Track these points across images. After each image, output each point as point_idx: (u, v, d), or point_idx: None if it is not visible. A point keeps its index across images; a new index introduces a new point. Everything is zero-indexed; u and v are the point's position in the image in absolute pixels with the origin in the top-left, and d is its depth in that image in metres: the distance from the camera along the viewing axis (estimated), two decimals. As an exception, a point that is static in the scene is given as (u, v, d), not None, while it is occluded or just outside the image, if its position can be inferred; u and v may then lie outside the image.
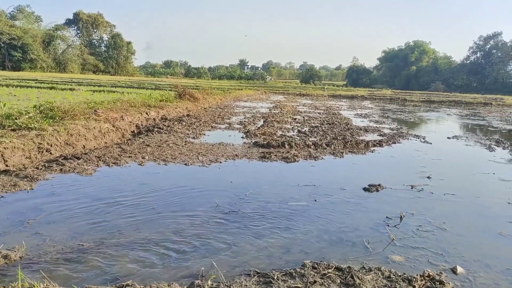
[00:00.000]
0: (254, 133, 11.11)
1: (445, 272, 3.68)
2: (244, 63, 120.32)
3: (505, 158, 9.60)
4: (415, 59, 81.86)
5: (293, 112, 18.50)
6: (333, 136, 11.20)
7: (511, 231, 4.78)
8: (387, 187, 6.50)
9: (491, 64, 74.47)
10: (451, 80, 73.15)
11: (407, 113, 22.54)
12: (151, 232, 4.29)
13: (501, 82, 71.54)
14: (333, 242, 4.30)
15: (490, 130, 16.19)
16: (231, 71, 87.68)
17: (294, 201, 5.59)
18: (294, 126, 13.48)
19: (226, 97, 25.27)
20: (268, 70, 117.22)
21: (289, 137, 10.77)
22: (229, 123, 13.37)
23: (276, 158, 8.23)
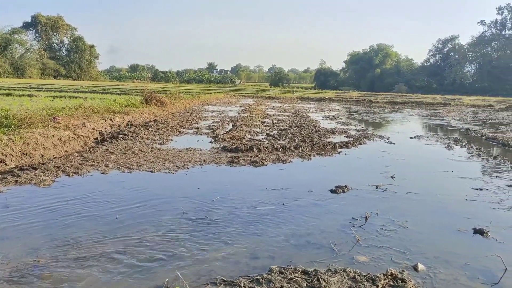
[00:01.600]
0: (223, 138, 11.11)
1: (407, 270, 3.81)
2: (213, 66, 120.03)
3: (463, 156, 10.01)
4: (379, 62, 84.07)
5: (262, 115, 18.61)
6: (301, 139, 11.34)
7: (469, 227, 4.99)
8: (353, 188, 6.64)
9: (450, 66, 77.38)
10: (413, 82, 75.50)
11: (372, 114, 23.09)
12: (113, 244, 4.20)
13: (459, 83, 74.44)
14: (301, 245, 4.36)
15: (449, 129, 16.82)
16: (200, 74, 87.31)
17: (262, 206, 5.63)
18: (263, 129, 13.56)
19: (195, 101, 25.13)
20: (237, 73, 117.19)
21: (257, 141, 10.83)
22: (198, 128, 13.31)
23: (245, 162, 8.26)
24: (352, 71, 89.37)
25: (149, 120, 14.88)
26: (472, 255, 4.21)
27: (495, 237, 4.69)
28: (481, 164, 9.16)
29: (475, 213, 5.61)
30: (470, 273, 3.81)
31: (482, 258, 4.12)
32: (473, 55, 78.98)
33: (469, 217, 5.41)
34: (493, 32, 76.70)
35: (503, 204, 6.00)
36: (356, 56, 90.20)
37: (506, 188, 6.93)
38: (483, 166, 8.95)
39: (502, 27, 75.75)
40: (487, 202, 6.13)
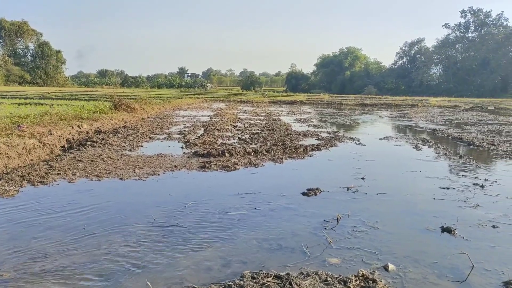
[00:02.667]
0: (194, 143, 11.01)
1: (378, 270, 3.85)
2: (184, 71, 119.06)
3: (431, 156, 10.27)
4: (349, 65, 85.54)
5: (234, 120, 18.57)
6: (273, 142, 11.38)
7: (437, 226, 5.10)
8: (325, 190, 6.70)
9: (416, 68, 79.56)
10: (382, 84, 77.15)
11: (343, 117, 23.42)
12: (80, 255, 4.08)
13: (425, 84, 76.63)
14: (273, 249, 4.35)
15: (417, 130, 17.25)
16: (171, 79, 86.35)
17: (234, 211, 5.60)
18: (235, 133, 13.53)
19: (166, 107, 24.84)
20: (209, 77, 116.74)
21: (229, 145, 10.79)
22: (168, 133, 13.14)
23: (216, 167, 8.21)
24: (322, 74, 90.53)
25: (118, 126, 14.60)
26: (440, 254, 4.30)
27: (462, 235, 4.81)
28: (448, 164, 9.42)
29: (443, 212, 5.75)
30: (438, 271, 3.89)
31: (450, 256, 4.22)
32: (439, 57, 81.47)
33: (437, 216, 5.54)
34: (457, 34, 79.39)
35: (469, 203, 6.17)
36: (327, 59, 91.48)
37: (471, 187, 7.14)
38: (449, 166, 9.20)
39: (466, 30, 78.52)
40: (454, 200, 6.30)
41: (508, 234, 4.88)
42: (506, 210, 5.82)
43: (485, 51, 72.74)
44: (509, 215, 5.59)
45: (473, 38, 77.76)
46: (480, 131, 16.46)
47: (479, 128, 17.82)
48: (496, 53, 71.38)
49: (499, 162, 9.87)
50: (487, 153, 11.03)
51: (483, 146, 11.95)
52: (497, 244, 4.56)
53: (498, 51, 71.48)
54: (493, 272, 3.88)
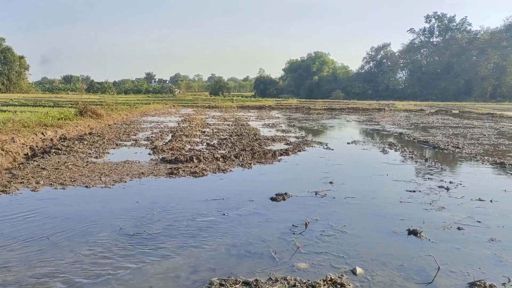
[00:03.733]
0: (162, 149, 10.81)
1: (346, 274, 3.85)
2: (151, 76, 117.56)
3: (397, 160, 10.47)
4: (317, 69, 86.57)
5: (202, 125, 18.42)
6: (241, 148, 11.32)
7: (403, 228, 5.17)
8: (293, 195, 6.69)
9: (383, 73, 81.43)
10: (349, 88, 78.42)
11: (311, 121, 23.64)
12: (44, 266, 3.90)
13: (392, 89, 78.45)
14: (241, 255, 4.29)
15: (384, 134, 17.60)
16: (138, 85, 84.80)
17: (202, 217, 5.50)
18: (203, 139, 13.39)
19: (133, 113, 24.38)
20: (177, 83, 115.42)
21: (197, 151, 10.66)
22: (136, 140, 12.87)
23: (184, 173, 8.08)
24: (291, 78, 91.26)
25: (84, 133, 14.19)
26: (407, 256, 4.35)
27: (428, 237, 4.89)
28: (414, 167, 9.62)
29: (409, 214, 5.84)
30: (405, 273, 3.92)
31: (417, 259, 4.26)
32: (404, 61, 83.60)
33: (403, 218, 5.62)
34: (422, 39, 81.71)
35: (435, 205, 6.30)
36: (294, 64, 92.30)
37: (437, 189, 7.30)
38: (416, 169, 9.39)
39: (430, 34, 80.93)
40: (420, 203, 6.41)
41: (473, 236, 4.99)
42: (470, 212, 5.97)
43: (449, 56, 75.18)
44: (473, 216, 5.73)
45: (438, 42, 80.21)
46: (445, 134, 16.95)
47: (444, 131, 18.35)
48: (459, 58, 73.87)
49: (463, 164, 10.17)
50: (452, 156, 11.34)
51: (448, 149, 12.29)
52: (462, 246, 4.65)
53: (462, 55, 74.01)
54: (459, 273, 3.94)
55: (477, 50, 73.85)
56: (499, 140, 14.92)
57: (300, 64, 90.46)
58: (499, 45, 71.00)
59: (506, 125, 22.42)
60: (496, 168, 9.47)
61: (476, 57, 73.50)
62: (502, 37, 71.53)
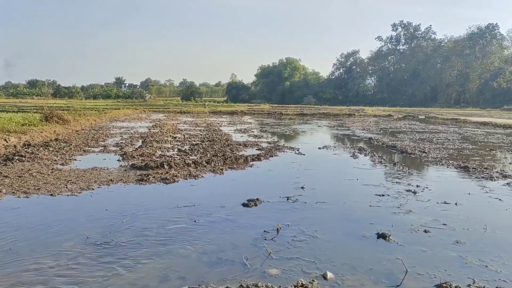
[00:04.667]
0: (132, 155, 10.62)
1: (317, 279, 3.87)
2: (121, 81, 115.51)
3: (367, 164, 10.66)
4: (288, 75, 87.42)
5: (174, 131, 18.22)
6: (213, 153, 11.25)
7: (373, 232, 5.25)
8: (265, 201, 6.69)
9: (353, 79, 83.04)
10: (321, 94, 79.52)
11: (283, 126, 23.80)
12: (5, 279, 3.74)
13: (361, 94, 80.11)
14: (213, 263, 4.24)
15: (354, 139, 17.89)
16: (107, 89, 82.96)
17: (173, 224, 5.42)
18: (174, 145, 13.25)
19: (102, 118, 23.88)
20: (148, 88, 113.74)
21: (168, 157, 10.53)
22: (104, 146, 12.59)
23: (155, 180, 7.95)
24: (263, 84, 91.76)
25: (50, 139, 13.77)
26: (376, 260, 4.41)
27: (396, 241, 4.98)
28: (383, 171, 9.81)
29: (378, 218, 5.94)
30: (374, 277, 3.97)
31: (385, 262, 4.33)
32: (373, 68, 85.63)
33: (373, 222, 5.70)
34: (389, 47, 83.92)
35: (403, 208, 6.43)
36: (266, 70, 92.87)
37: (405, 193, 7.46)
38: (384, 173, 9.58)
39: (397, 42, 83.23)
40: (389, 207, 6.54)
41: (439, 238, 5.12)
42: (436, 214, 6.13)
43: (415, 63, 77.52)
44: (439, 219, 5.88)
45: (404, 50, 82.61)
46: (412, 139, 17.39)
47: (411, 136, 18.82)
48: (425, 65, 76.29)
49: (430, 168, 10.44)
50: (419, 160, 11.64)
51: (415, 153, 12.61)
52: (428, 248, 4.76)
53: (427, 62, 76.47)
54: (426, 276, 4.03)
55: (441, 58, 76.46)
56: (463, 145, 15.43)
57: (272, 70, 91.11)
58: (462, 53, 73.73)
59: (469, 130, 23.22)
60: (461, 171, 9.77)
61: (440, 65, 76.06)
62: (465, 45, 74.34)
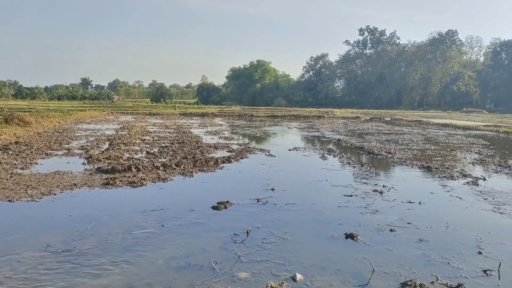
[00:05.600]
0: (98, 158, 10.34)
1: (286, 281, 3.86)
2: (88, 82, 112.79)
3: (336, 165, 10.79)
4: (259, 77, 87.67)
5: (142, 133, 17.90)
6: (183, 156, 11.12)
7: (341, 233, 5.30)
8: (235, 203, 6.65)
9: (322, 81, 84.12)
10: (291, 96, 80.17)
11: (254, 128, 23.81)
12: (-42, 291, 3.55)
13: (331, 97, 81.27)
14: (181, 268, 4.17)
15: (323, 140, 18.11)
16: (73, 90, 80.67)
17: (140, 229, 5.30)
18: (143, 147, 13.01)
19: (66, 120, 23.20)
20: (116, 89, 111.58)
21: (136, 160, 10.32)
22: (68, 149, 12.21)
23: (122, 183, 7.77)
24: (234, 86, 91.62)
25: (9, 142, 13.22)
26: (344, 260, 4.45)
27: (364, 240, 5.05)
28: (351, 172, 9.96)
29: (347, 218, 6.01)
30: (343, 277, 4.01)
31: (353, 262, 4.38)
32: (341, 71, 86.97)
33: (341, 223, 5.77)
34: (357, 51, 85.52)
35: (370, 208, 6.54)
36: (237, 72, 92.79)
37: (372, 193, 7.59)
38: (353, 174, 9.72)
39: (364, 46, 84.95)
40: (357, 207, 6.63)
41: (404, 237, 5.23)
42: (401, 214, 6.26)
43: (381, 67, 79.39)
44: (404, 218, 6.01)
45: (371, 54, 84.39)
46: (378, 140, 17.75)
47: (378, 137, 19.22)
48: (390, 69, 78.20)
49: (395, 169, 10.68)
50: (385, 161, 11.88)
51: (381, 154, 12.87)
52: (394, 247, 4.85)
53: (392, 66, 78.42)
54: (392, 274, 4.10)
55: (405, 62, 78.59)
56: (426, 146, 15.88)
57: (243, 72, 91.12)
58: (424, 58, 76.02)
59: (432, 131, 23.94)
60: (424, 171, 10.05)
61: (404, 68, 78.13)
62: (427, 50, 76.71)
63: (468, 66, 77.89)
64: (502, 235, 5.43)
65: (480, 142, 17.92)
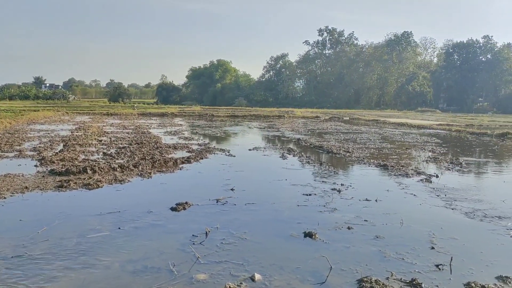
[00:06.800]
0: (51, 160, 9.94)
1: (245, 282, 3.86)
2: (41, 81, 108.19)
3: (295, 165, 10.91)
4: (220, 77, 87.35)
5: (99, 133, 17.38)
6: (141, 156, 10.89)
7: (300, 231, 5.36)
8: (195, 204, 6.58)
9: (282, 81, 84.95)
10: (252, 96, 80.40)
11: (214, 128, 23.68)
12: None
13: (291, 97, 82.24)
14: (138, 271, 4.07)
15: (283, 140, 18.27)
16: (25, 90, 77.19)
17: (95, 233, 5.13)
18: (100, 148, 12.63)
19: (18, 120, 22.17)
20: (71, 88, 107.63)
21: (92, 161, 10.01)
22: (20, 150, 11.66)
23: (76, 186, 7.51)
24: (194, 86, 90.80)
25: (-45, 143, 12.48)
26: (303, 258, 4.50)
27: (322, 239, 5.12)
28: (310, 171, 10.10)
29: (306, 217, 6.08)
30: (301, 276, 4.05)
31: (311, 260, 4.44)
32: (301, 71, 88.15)
33: (300, 222, 5.83)
34: (316, 51, 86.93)
35: (328, 207, 6.65)
36: (197, 71, 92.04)
37: (330, 192, 7.73)
38: (312, 173, 9.86)
39: (323, 47, 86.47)
40: (315, 206, 6.73)
41: (361, 234, 5.35)
42: (359, 211, 6.41)
43: (340, 67, 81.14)
44: (361, 216, 6.16)
45: (330, 54, 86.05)
46: (337, 139, 18.12)
47: (336, 136, 19.61)
48: (349, 69, 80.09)
49: (353, 167, 10.93)
50: (343, 159, 12.13)
51: (340, 153, 13.13)
52: (351, 245, 4.96)
53: (351, 67, 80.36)
54: (348, 271, 4.18)
55: (363, 63, 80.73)
56: (382, 144, 16.38)
57: (203, 72, 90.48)
58: (381, 59, 78.44)
59: (388, 130, 24.73)
60: (381, 169, 10.35)
61: (362, 69, 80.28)
62: (384, 51, 79.19)
63: (423, 67, 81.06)
64: (454, 230, 5.67)
65: (434, 140, 18.68)
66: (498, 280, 4.10)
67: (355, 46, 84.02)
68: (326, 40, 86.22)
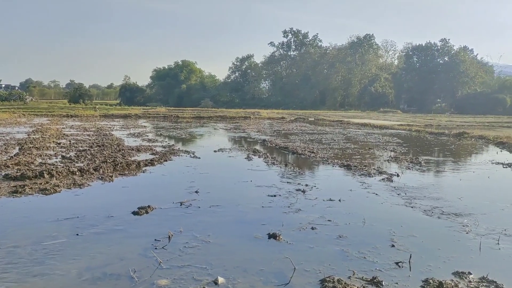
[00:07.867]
0: (5, 164, 9.49)
1: (208, 286, 3.80)
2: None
3: (261, 166, 10.91)
4: (185, 78, 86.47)
5: (58, 136, 16.78)
6: (102, 159, 10.58)
7: (264, 233, 5.34)
8: (157, 207, 6.44)
9: (248, 82, 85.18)
10: (218, 97, 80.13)
11: (179, 130, 23.39)
12: None
13: (257, 98, 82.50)
14: (96, 279, 3.92)
15: (249, 141, 18.27)
16: (-21, 91, 73.76)
17: (51, 240, 4.92)
18: (58, 151, 12.18)
19: (-30, 123, 21.08)
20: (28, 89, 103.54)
21: (50, 165, 9.63)
22: (-28, 154, 11.08)
23: (32, 191, 7.19)
24: (159, 86, 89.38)
25: None
26: (267, 260, 4.48)
27: (286, 239, 5.12)
28: (276, 172, 10.12)
29: (270, 218, 6.07)
30: (265, 277, 4.02)
31: (275, 262, 4.42)
32: (267, 72, 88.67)
33: (265, 223, 5.81)
34: (281, 52, 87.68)
35: (293, 208, 6.67)
36: (162, 72, 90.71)
37: (295, 192, 7.76)
38: (277, 174, 9.88)
39: (288, 48, 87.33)
40: (280, 207, 6.73)
41: (324, 234, 5.39)
42: (322, 212, 6.47)
43: (305, 68, 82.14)
44: (325, 216, 6.21)
45: (295, 56, 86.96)
46: (302, 140, 18.29)
47: (302, 137, 19.79)
48: (314, 70, 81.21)
49: (318, 167, 11.05)
50: (308, 160, 12.25)
51: (305, 154, 13.25)
52: (315, 245, 4.98)
53: (316, 68, 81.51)
54: (312, 272, 4.19)
55: (327, 64, 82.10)
56: (346, 145, 16.68)
57: (168, 72, 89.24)
58: (345, 60, 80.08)
59: (352, 131, 25.23)
60: (344, 169, 10.51)
61: (327, 70, 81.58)
62: (347, 53, 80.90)
63: (384, 68, 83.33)
64: (413, 228, 5.81)
65: (395, 140, 19.20)
66: (454, 276, 4.22)
67: (319, 48, 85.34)
68: (291, 41, 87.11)
